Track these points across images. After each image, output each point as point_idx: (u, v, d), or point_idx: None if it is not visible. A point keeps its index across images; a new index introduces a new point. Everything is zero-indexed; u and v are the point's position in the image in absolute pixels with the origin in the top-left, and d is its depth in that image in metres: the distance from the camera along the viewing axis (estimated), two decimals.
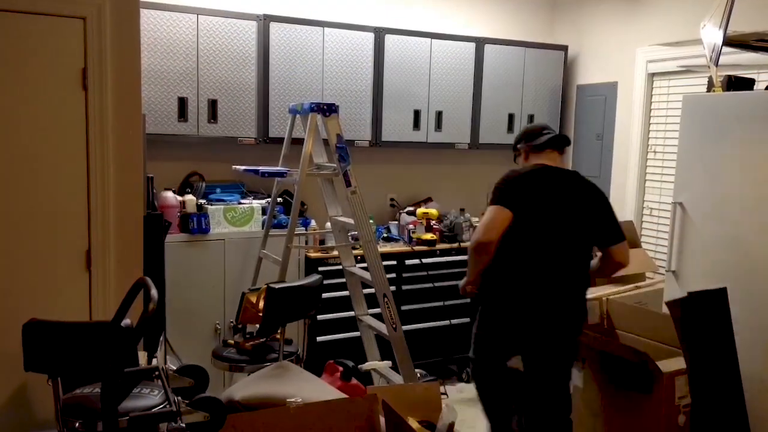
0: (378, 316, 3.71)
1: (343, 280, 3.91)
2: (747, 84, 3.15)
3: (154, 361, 2.80)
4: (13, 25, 2.65)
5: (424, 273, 4.32)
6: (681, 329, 2.28)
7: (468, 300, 4.47)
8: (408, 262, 4.29)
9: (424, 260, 4.34)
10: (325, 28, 4.09)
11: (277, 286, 2.98)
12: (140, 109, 2.99)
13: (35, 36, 2.70)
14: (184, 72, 3.74)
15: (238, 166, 3.80)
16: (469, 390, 4.37)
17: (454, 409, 2.42)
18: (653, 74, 4.44)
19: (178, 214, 3.76)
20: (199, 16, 3.74)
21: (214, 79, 3.83)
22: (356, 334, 3.96)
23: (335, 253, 4.00)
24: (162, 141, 3.79)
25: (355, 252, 3.90)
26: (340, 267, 3.90)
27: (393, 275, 4.22)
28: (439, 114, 4.54)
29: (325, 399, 2.29)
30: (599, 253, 2.68)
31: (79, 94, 2.78)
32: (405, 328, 3.78)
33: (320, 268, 3.96)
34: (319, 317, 3.99)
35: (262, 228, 3.94)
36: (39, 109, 2.73)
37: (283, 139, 3.89)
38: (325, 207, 3.90)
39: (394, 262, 4.24)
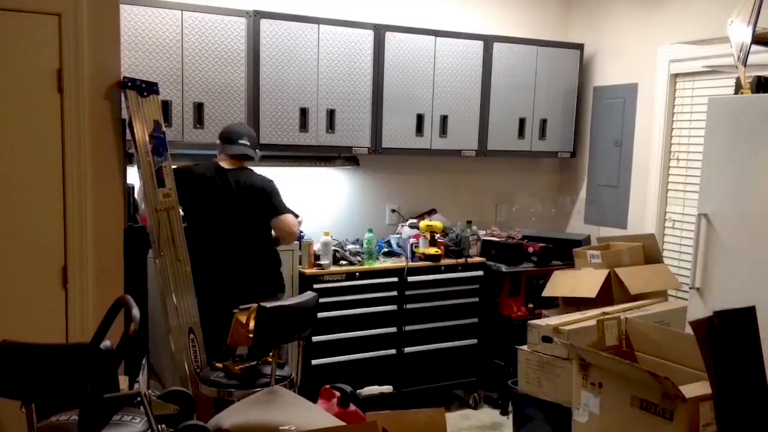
0: (376, 337, 3.72)
1: (341, 298, 3.92)
2: None
3: (136, 386, 2.83)
4: None
5: (428, 291, 4.34)
6: (706, 351, 2.30)
7: (476, 320, 4.51)
8: (410, 278, 4.31)
9: (428, 277, 4.36)
10: (321, 25, 4.13)
11: (268, 305, 3.01)
12: (120, 113, 3.03)
13: (5, 34, 2.72)
14: (167, 73, 3.78)
15: None
16: (475, 417, 4.39)
17: None
18: (676, 75, 4.48)
19: None
20: (184, 12, 3.78)
21: (200, 80, 3.86)
22: (354, 356, 3.98)
23: (332, 269, 4.03)
24: None
25: (351, 269, 3.93)
26: (337, 284, 3.93)
27: (394, 293, 4.24)
28: (444, 118, 4.57)
29: (321, 426, 2.31)
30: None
31: (53, 98, 2.82)
32: (407, 349, 3.80)
33: (315, 286, 3.98)
34: (315, 339, 4.00)
35: None
36: (10, 114, 2.76)
37: (276, 144, 3.92)
38: None
39: (396, 279, 4.26)
